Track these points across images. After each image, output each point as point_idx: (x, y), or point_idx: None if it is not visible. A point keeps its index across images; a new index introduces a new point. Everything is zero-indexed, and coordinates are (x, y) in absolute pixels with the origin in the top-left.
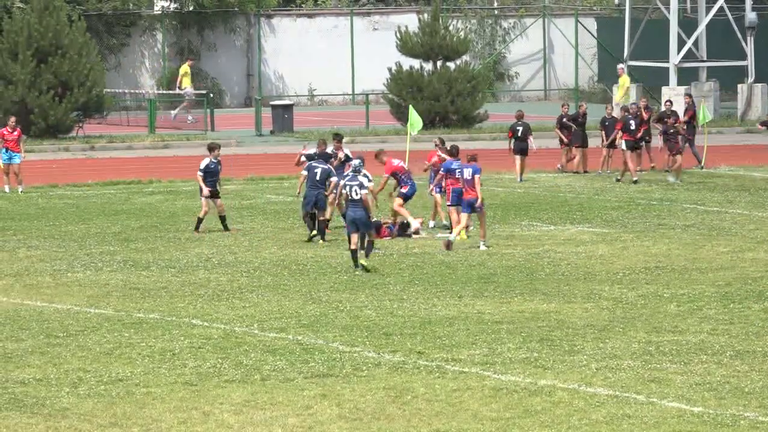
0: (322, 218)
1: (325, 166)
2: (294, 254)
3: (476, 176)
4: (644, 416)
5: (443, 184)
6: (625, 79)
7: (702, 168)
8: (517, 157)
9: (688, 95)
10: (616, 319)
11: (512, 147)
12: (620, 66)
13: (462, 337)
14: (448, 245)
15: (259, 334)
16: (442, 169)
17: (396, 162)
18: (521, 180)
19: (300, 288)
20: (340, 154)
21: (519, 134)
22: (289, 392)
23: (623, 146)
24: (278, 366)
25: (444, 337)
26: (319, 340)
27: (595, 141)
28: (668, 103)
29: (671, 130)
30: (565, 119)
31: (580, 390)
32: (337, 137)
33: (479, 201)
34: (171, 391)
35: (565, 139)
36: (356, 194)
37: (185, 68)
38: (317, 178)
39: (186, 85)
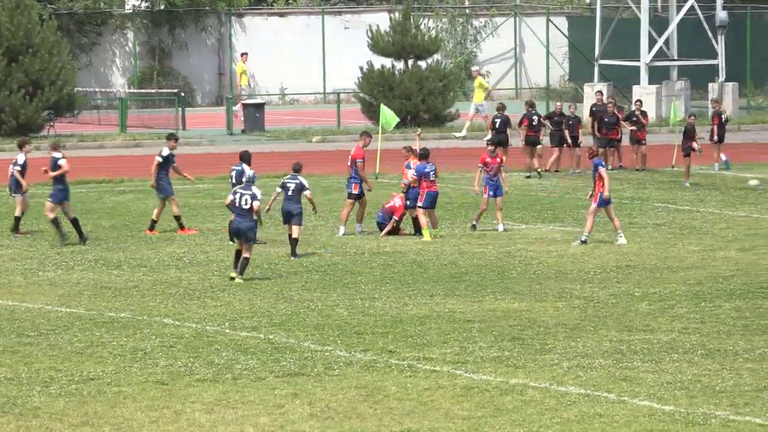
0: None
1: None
2: (265, 253)
3: (601, 169)
4: (615, 415)
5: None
6: (479, 81)
7: (673, 167)
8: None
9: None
10: (587, 318)
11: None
12: (474, 68)
13: (433, 335)
14: (584, 242)
15: (231, 333)
16: (414, 173)
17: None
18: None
19: (271, 287)
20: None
21: (497, 126)
22: (261, 391)
23: (523, 141)
24: (250, 365)
25: (415, 336)
26: (290, 339)
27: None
28: (638, 103)
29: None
30: (541, 118)
31: (551, 389)
32: (172, 137)
33: (607, 194)
34: (142, 390)
35: (522, 139)
36: (246, 204)
37: (242, 66)
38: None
39: (244, 83)
